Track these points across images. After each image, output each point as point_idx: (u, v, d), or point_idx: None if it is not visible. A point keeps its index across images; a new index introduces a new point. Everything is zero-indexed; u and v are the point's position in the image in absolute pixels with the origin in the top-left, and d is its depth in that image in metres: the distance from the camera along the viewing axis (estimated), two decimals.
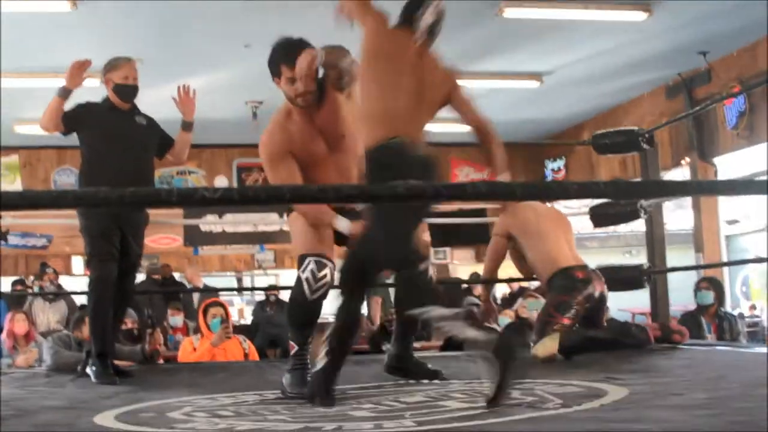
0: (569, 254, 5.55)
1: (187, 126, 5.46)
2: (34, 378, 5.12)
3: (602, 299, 5.45)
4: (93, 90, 5.26)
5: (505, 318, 9.84)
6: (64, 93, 5.07)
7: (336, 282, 3.94)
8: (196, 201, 2.21)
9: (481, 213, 11.59)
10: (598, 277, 5.45)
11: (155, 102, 5.48)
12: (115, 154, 5.01)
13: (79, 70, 5.10)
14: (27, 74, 9.49)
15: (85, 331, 5.74)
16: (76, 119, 5.11)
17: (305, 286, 3.90)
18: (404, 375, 4.37)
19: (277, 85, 4.16)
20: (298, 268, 3.95)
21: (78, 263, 14.10)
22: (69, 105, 5.09)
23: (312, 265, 3.90)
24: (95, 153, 5.09)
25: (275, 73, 4.13)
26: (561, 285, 5.34)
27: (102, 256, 4.96)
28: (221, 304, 7.33)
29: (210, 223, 13.07)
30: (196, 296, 11.22)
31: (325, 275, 3.92)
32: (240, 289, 15.31)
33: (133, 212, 5.05)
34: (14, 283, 10.97)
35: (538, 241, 5.50)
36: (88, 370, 4.87)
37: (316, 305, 3.98)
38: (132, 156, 5.07)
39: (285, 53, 4.09)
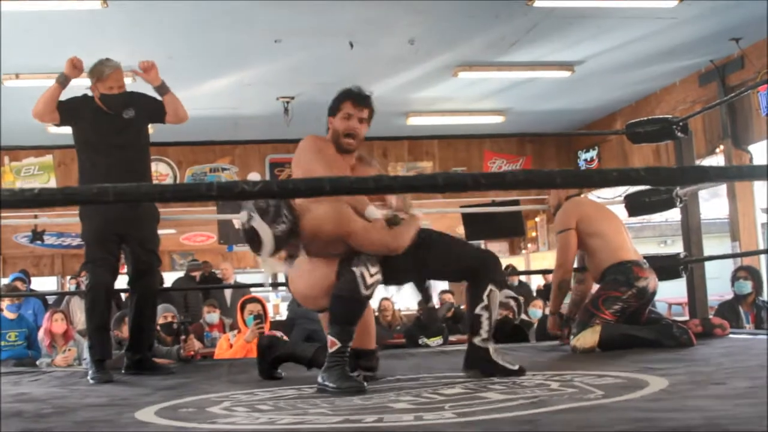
0: (631, 248, 5.55)
1: (161, 90, 5.39)
2: (74, 376, 5.15)
3: (653, 296, 5.43)
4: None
5: (537, 310, 9.84)
6: (64, 80, 5.15)
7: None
8: (236, 195, 2.21)
9: (514, 204, 11.60)
10: (652, 273, 5.42)
11: (186, 99, 5.48)
12: (106, 154, 5.06)
13: (76, 67, 5.16)
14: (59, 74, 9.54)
15: (125, 330, 5.82)
16: (71, 110, 5.17)
17: (360, 282, 3.80)
18: None
19: (329, 123, 4.29)
20: (349, 265, 3.85)
21: None
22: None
23: (366, 260, 3.83)
24: (88, 154, 5.14)
25: (335, 109, 4.28)
26: (615, 279, 5.32)
27: (95, 262, 5.03)
28: (259, 300, 7.38)
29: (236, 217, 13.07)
30: (228, 293, 11.30)
31: (378, 271, 3.85)
32: (274, 285, 15.37)
33: (133, 212, 5.06)
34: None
35: (602, 231, 5.49)
36: (88, 377, 4.86)
37: (368, 302, 3.92)
38: (123, 155, 5.10)
39: (354, 93, 4.27)
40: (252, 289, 10.69)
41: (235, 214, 12.08)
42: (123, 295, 9.63)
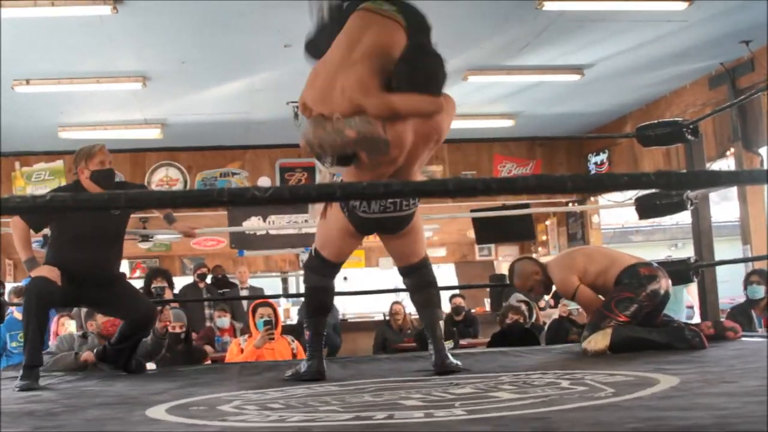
0: (629, 256, 5.56)
1: (170, 219, 5.54)
2: (84, 378, 5.17)
3: (667, 297, 5.41)
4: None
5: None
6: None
7: None
8: (247, 200, 2.22)
9: (525, 207, 11.57)
10: (664, 274, 5.41)
11: (196, 104, 5.50)
12: (82, 246, 5.06)
13: None
14: (69, 80, 9.57)
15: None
16: (42, 222, 5.21)
17: None
18: None
19: None
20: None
21: (123, 266, 14.25)
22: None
23: None
24: (63, 239, 5.14)
25: None
26: (627, 282, 5.31)
27: (45, 278, 4.93)
28: (270, 305, 7.39)
29: (254, 229, 13.08)
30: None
31: None
32: (286, 296, 15.45)
33: (97, 286, 5.16)
34: None
35: (600, 269, 5.49)
36: (16, 383, 4.69)
37: None
38: (100, 249, 5.15)
39: None
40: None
41: (241, 227, 12.15)
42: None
